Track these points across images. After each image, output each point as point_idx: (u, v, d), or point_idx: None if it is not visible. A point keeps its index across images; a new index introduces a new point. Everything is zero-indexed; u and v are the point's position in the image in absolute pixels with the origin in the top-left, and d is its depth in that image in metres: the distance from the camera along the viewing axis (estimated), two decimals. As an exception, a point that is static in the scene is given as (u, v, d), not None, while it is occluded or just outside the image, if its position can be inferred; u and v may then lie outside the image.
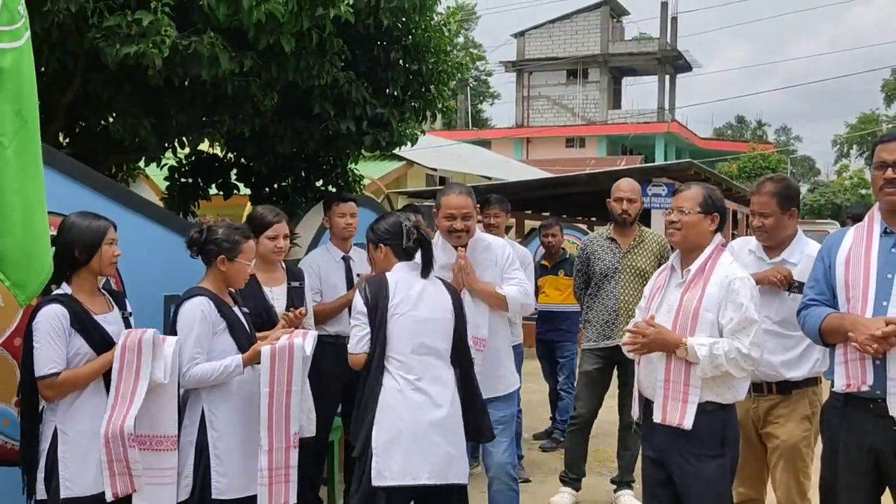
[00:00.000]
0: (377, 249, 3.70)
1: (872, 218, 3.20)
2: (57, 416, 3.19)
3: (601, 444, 6.51)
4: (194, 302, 3.44)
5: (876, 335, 2.87)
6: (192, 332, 3.38)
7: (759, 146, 42.30)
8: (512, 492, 4.18)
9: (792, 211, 3.76)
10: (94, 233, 3.28)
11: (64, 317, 3.16)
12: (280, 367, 3.37)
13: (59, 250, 3.22)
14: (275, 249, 4.04)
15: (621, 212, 5.20)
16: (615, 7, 42.10)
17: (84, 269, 3.28)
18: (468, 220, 4.04)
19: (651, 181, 14.48)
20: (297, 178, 6.64)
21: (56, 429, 3.18)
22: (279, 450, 3.39)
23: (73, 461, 3.18)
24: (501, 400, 4.13)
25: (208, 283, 3.53)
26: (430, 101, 6.06)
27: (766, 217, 3.75)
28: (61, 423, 3.19)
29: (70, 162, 3.78)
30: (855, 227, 3.28)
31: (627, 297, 5.16)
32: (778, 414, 3.69)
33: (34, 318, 3.16)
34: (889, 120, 51.48)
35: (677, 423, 3.24)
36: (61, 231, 3.27)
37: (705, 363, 3.17)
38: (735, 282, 3.25)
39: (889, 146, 3.10)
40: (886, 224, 3.14)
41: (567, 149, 40.27)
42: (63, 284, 3.26)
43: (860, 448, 3.06)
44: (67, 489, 3.16)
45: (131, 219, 3.93)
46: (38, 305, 3.18)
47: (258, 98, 4.99)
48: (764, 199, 3.74)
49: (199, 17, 4.38)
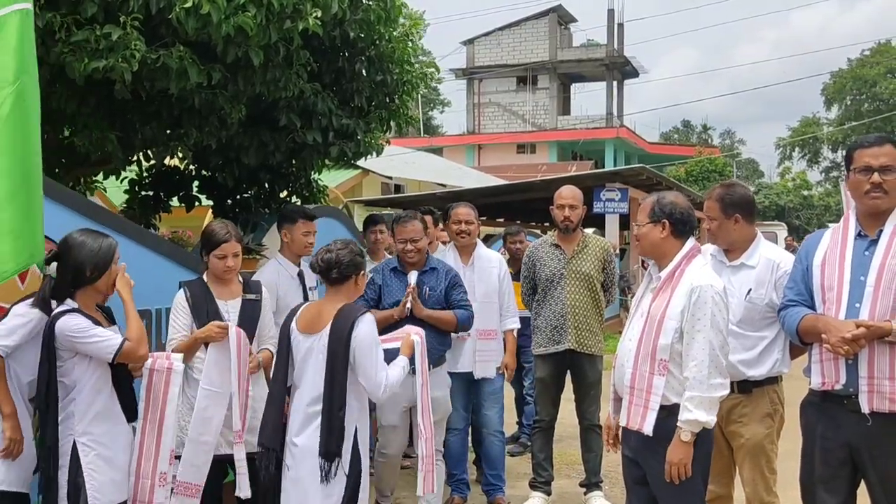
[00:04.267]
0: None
1: (848, 221, 3.32)
2: (75, 430, 3.20)
3: (567, 446, 6.60)
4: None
5: (847, 337, 3.01)
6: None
7: (705, 150, 43.09)
8: (501, 443, 5.49)
9: (736, 216, 3.81)
10: (106, 252, 3.30)
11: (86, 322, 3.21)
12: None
13: (69, 268, 3.24)
14: (224, 268, 3.94)
15: (563, 218, 5.29)
16: (563, 14, 42.57)
17: (90, 287, 3.29)
18: (470, 225, 5.33)
19: (605, 186, 14.75)
20: (260, 189, 6.62)
21: (75, 443, 3.19)
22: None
23: (99, 472, 3.21)
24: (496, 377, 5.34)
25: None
26: (394, 112, 6.11)
27: (711, 220, 3.86)
28: (81, 436, 3.20)
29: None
30: (832, 230, 3.40)
31: (574, 302, 5.26)
32: (741, 413, 3.77)
33: (52, 331, 3.17)
34: (829, 123, 52.96)
35: (638, 428, 3.32)
36: (69, 249, 3.28)
37: (701, 418, 3.18)
38: (697, 292, 3.23)
39: (871, 150, 3.22)
40: (861, 227, 3.27)
41: (518, 155, 40.60)
42: (68, 301, 3.27)
43: (836, 441, 3.20)
44: (96, 499, 3.20)
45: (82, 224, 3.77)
46: (52, 319, 3.20)
47: (225, 110, 4.99)
48: (710, 204, 3.86)
49: (168, 31, 4.37)
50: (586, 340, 5.25)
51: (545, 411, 5.44)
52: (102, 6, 4.19)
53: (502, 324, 5.35)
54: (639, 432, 3.33)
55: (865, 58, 50.53)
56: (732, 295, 3.71)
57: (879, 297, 3.12)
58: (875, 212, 3.23)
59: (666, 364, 3.26)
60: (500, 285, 5.35)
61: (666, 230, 3.40)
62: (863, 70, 49.59)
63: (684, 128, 67.14)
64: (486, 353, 5.20)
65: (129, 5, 4.16)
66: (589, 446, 5.42)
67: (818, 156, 54.20)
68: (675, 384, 3.27)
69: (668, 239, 3.41)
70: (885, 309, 3.10)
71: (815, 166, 54.50)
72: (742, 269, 3.82)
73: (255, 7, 4.29)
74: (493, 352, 5.26)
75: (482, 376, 5.26)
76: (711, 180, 39.38)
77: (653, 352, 3.28)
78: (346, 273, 3.60)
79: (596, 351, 5.32)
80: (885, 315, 3.09)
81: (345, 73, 5.81)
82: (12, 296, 3.40)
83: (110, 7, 4.21)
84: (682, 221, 3.43)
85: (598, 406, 5.38)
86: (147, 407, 3.45)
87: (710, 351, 3.20)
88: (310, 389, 3.53)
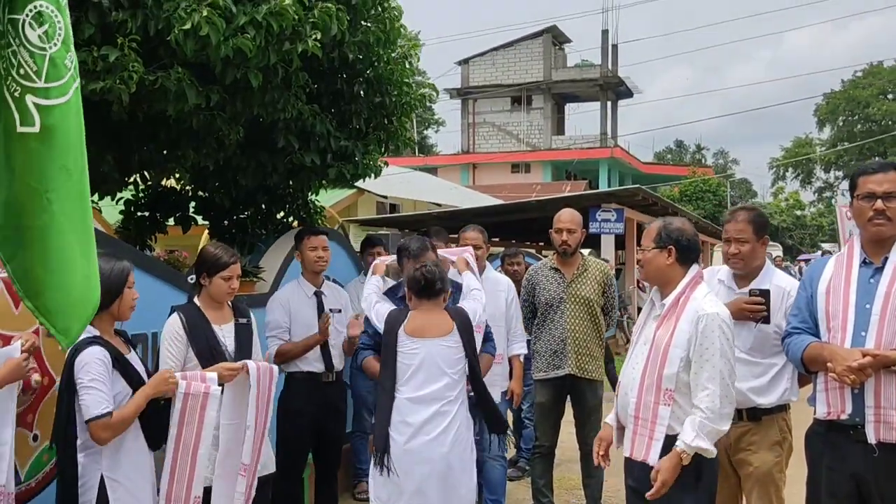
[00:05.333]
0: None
1: (852, 248, 3.29)
2: (102, 464, 3.13)
3: (566, 471, 6.54)
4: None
5: (853, 366, 2.96)
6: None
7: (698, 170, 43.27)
8: (503, 468, 5.35)
9: (765, 238, 3.84)
10: (118, 277, 3.26)
11: (106, 358, 3.14)
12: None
13: None
14: (228, 290, 3.91)
15: (561, 242, 5.27)
16: (557, 35, 42.82)
17: (104, 312, 3.21)
18: (478, 250, 5.24)
19: (601, 207, 14.75)
20: (257, 210, 6.58)
21: (102, 477, 3.12)
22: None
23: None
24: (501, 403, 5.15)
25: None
26: (392, 133, 6.08)
27: (742, 244, 3.78)
28: (108, 471, 3.14)
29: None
30: (836, 257, 3.38)
31: (574, 327, 5.22)
32: (749, 441, 3.73)
33: (73, 360, 3.11)
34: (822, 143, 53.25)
35: (642, 459, 3.27)
36: None
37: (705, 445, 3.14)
38: (704, 320, 3.20)
39: (875, 177, 3.20)
40: (866, 254, 3.24)
41: (513, 174, 40.69)
42: (88, 327, 3.17)
43: (842, 473, 3.14)
44: None
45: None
46: (74, 349, 3.13)
47: (223, 132, 4.95)
48: (741, 226, 3.79)
49: (166, 53, 4.33)
50: (587, 365, 5.21)
51: (545, 437, 5.39)
52: (100, 27, 4.15)
53: (509, 349, 5.28)
54: (643, 463, 3.27)
55: (858, 79, 50.91)
56: (744, 323, 3.68)
57: (885, 325, 3.08)
58: (879, 239, 3.20)
59: (672, 394, 3.21)
60: (507, 310, 5.28)
61: (672, 256, 3.38)
62: (855, 91, 49.94)
63: (677, 147, 67.48)
64: (492, 378, 4.97)
65: (126, 27, 4.12)
66: (590, 472, 5.35)
67: (811, 176, 54.48)
68: (680, 414, 3.22)
69: (673, 265, 3.38)
70: (891, 337, 3.07)
71: (808, 186, 54.79)
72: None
73: (255, 29, 4.26)
74: (498, 376, 5.15)
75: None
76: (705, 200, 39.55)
77: (658, 381, 3.24)
78: (445, 287, 4.12)
79: (596, 376, 5.27)
80: (891, 344, 3.06)
81: (343, 95, 5.77)
82: (7, 322, 3.36)
83: (108, 28, 4.16)
84: (688, 248, 3.40)
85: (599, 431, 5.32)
86: (180, 432, 3.33)
87: (720, 380, 3.16)
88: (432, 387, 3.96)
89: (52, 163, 2.62)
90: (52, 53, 2.62)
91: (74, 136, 2.68)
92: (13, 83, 2.58)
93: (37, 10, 2.59)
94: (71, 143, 2.66)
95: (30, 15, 2.58)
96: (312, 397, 4.80)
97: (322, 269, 4.94)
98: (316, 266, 4.91)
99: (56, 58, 2.63)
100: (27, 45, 2.58)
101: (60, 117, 2.63)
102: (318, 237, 4.94)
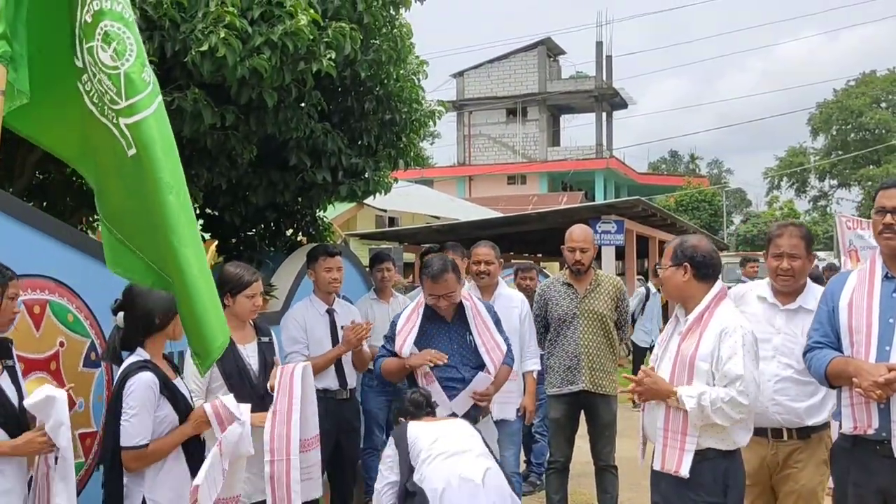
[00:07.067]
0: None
1: (874, 262, 3.29)
2: (145, 486, 3.13)
3: (578, 485, 6.52)
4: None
5: (879, 381, 2.96)
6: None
7: (693, 180, 43.42)
8: (518, 484, 5.14)
9: (812, 255, 3.83)
10: (173, 298, 3.23)
11: (155, 385, 3.13)
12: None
13: (138, 317, 3.19)
14: (253, 308, 3.92)
15: (574, 262, 5.25)
16: (552, 47, 43.01)
17: (159, 333, 3.23)
18: (490, 265, 5.23)
19: (601, 218, 14.80)
20: (266, 227, 6.59)
21: (144, 498, 3.12)
22: None
23: None
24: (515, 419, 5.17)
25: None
26: (402, 150, 6.10)
27: (795, 259, 3.75)
28: (150, 493, 3.13)
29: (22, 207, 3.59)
30: (858, 271, 3.38)
31: (588, 342, 5.21)
32: (797, 459, 3.69)
33: (123, 385, 3.10)
34: (816, 152, 53.46)
35: (674, 471, 3.27)
36: (136, 298, 3.21)
37: (694, 414, 3.20)
38: (727, 333, 3.26)
39: (889, 192, 3.22)
40: (888, 269, 3.24)
41: (509, 186, 40.81)
42: (138, 349, 3.21)
43: (868, 488, 3.14)
44: None
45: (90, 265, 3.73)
46: (125, 373, 3.13)
47: (236, 151, 4.97)
48: (794, 241, 3.76)
49: (182, 74, 4.36)
50: (601, 381, 5.20)
51: (560, 452, 5.37)
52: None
53: (522, 364, 5.22)
54: (670, 476, 3.28)
55: (851, 88, 51.14)
56: (794, 341, 3.68)
57: None
58: (891, 252, 3.22)
59: None
60: (520, 326, 5.23)
61: (688, 273, 3.40)
62: (848, 100, 50.13)
63: (672, 158, 67.64)
64: (506, 395, 4.96)
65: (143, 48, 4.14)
66: (604, 488, 5.34)
67: (806, 185, 54.62)
68: (709, 426, 3.24)
69: (690, 282, 3.40)
70: None
71: (803, 195, 54.92)
72: (800, 312, 3.76)
73: (270, 49, 4.29)
74: (512, 393, 5.09)
75: (501, 418, 5.04)
76: (701, 210, 39.71)
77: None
78: (433, 405, 3.99)
79: (610, 391, 5.26)
80: None
81: (353, 112, 5.79)
82: (29, 344, 3.35)
83: (124, 50, 4.19)
84: (703, 264, 3.42)
85: (613, 447, 5.32)
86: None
87: (748, 373, 3.19)
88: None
89: (157, 183, 2.55)
90: (127, 70, 2.56)
91: (167, 151, 2.61)
92: (109, 111, 2.56)
93: (104, 31, 2.55)
94: (163, 157, 2.58)
95: (99, 37, 2.54)
96: (329, 415, 4.79)
97: (336, 290, 4.94)
98: (330, 287, 4.91)
99: (131, 73, 2.57)
100: (104, 69, 2.55)
101: (147, 132, 2.56)
102: (334, 258, 4.92)
